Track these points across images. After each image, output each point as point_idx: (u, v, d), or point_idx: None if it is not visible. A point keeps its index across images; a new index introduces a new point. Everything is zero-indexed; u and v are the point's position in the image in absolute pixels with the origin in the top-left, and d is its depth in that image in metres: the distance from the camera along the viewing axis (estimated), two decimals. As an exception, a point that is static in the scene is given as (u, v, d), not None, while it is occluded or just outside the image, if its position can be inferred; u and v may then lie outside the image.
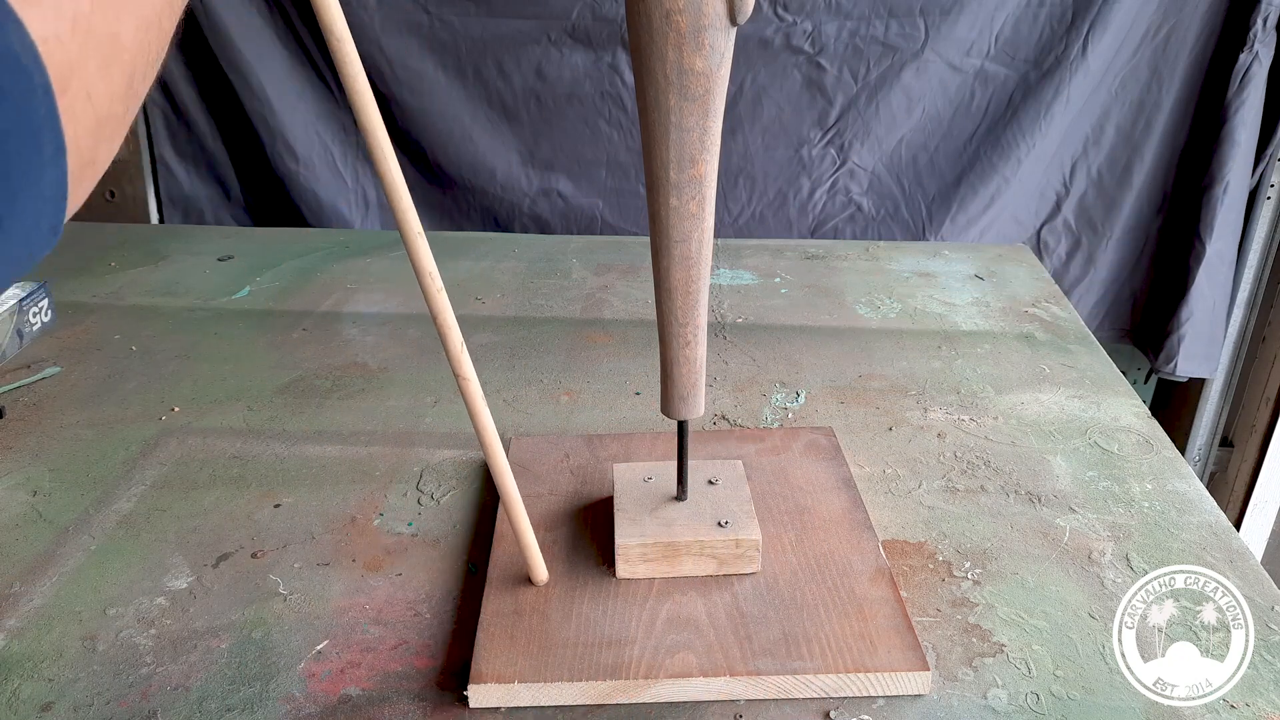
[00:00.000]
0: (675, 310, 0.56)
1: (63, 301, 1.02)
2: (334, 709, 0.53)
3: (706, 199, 0.53)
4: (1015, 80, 1.35)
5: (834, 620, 0.57)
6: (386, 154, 0.47)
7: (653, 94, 0.49)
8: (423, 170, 1.45)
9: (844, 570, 0.61)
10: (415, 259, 0.49)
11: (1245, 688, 0.54)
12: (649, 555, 0.60)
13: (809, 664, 0.54)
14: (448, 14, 1.35)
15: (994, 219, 1.41)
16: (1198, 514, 0.69)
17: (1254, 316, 1.46)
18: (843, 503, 0.68)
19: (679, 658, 0.54)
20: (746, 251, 1.19)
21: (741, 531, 0.60)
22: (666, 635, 0.56)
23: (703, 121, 0.50)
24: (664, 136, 0.50)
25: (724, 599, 0.59)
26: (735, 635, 0.56)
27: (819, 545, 0.63)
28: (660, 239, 0.54)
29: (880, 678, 0.54)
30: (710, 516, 0.61)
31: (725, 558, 0.60)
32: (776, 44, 1.34)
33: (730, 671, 0.54)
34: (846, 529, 0.65)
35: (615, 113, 1.40)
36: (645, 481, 0.65)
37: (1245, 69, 1.29)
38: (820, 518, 0.66)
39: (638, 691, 0.53)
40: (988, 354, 0.93)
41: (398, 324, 1.00)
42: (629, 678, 0.53)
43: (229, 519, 0.69)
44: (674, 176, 0.51)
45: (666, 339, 0.58)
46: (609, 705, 0.53)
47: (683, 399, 0.59)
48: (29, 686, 0.55)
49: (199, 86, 1.43)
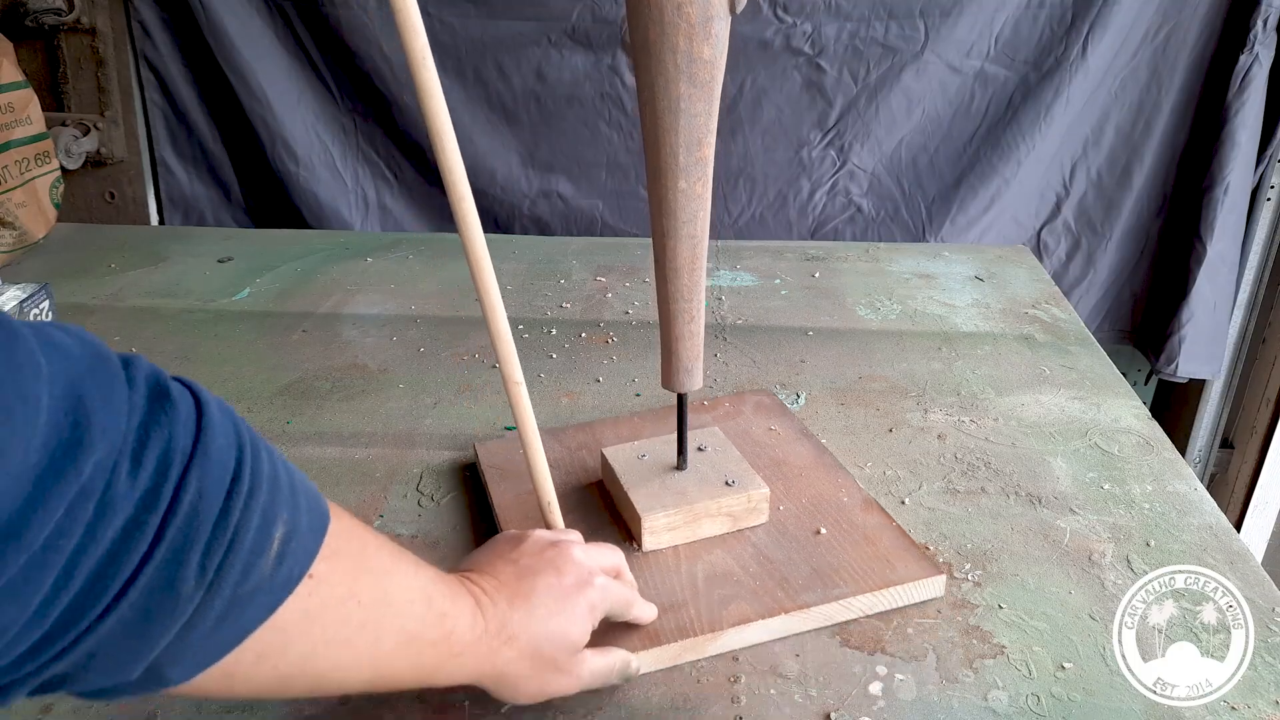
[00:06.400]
0: (681, 288, 0.59)
1: (63, 303, 1.02)
2: (334, 710, 0.53)
3: (709, 180, 0.57)
4: (1015, 81, 1.35)
5: (848, 550, 0.63)
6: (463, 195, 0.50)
7: (662, 83, 0.52)
8: (423, 172, 1.45)
9: (838, 507, 0.67)
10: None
11: (1245, 688, 0.54)
12: (673, 524, 0.64)
13: (845, 589, 0.60)
14: (448, 15, 1.35)
15: (994, 220, 1.41)
16: (1198, 515, 0.69)
17: (1254, 318, 1.46)
18: (809, 450, 0.74)
19: (733, 608, 0.58)
20: (746, 253, 1.19)
21: (750, 487, 0.65)
22: (713, 591, 0.60)
23: (708, 106, 0.54)
24: (674, 123, 0.53)
25: (748, 550, 0.64)
26: (773, 579, 0.61)
27: (807, 490, 0.69)
28: (668, 221, 0.57)
29: (904, 589, 0.60)
30: (716, 479, 0.66)
31: (739, 514, 0.65)
32: (776, 45, 1.34)
33: (783, 610, 0.58)
34: (823, 472, 0.71)
35: (615, 114, 1.40)
36: (641, 459, 0.68)
37: (1245, 70, 1.29)
38: (796, 467, 0.72)
39: (706, 646, 0.57)
40: (988, 355, 0.93)
41: (398, 325, 1.00)
42: (697, 635, 0.57)
43: (229, 520, 0.69)
44: (683, 160, 0.55)
45: (670, 316, 0.61)
46: (612, 705, 0.53)
47: (686, 372, 0.63)
48: (28, 688, 0.55)
49: (199, 88, 1.43)
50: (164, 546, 0.30)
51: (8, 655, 0.28)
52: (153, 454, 0.30)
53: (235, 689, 0.37)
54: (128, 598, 0.29)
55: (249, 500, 0.33)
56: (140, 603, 0.30)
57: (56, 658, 0.29)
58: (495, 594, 0.48)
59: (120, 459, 0.29)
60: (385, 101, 1.40)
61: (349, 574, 0.39)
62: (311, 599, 0.36)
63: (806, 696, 0.54)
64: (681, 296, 0.60)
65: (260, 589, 0.34)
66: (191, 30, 1.37)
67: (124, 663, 0.31)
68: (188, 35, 1.38)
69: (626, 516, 0.66)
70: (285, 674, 0.37)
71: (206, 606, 0.32)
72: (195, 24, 1.36)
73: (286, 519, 0.35)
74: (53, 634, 0.29)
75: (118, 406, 0.29)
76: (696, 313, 0.61)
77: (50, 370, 0.27)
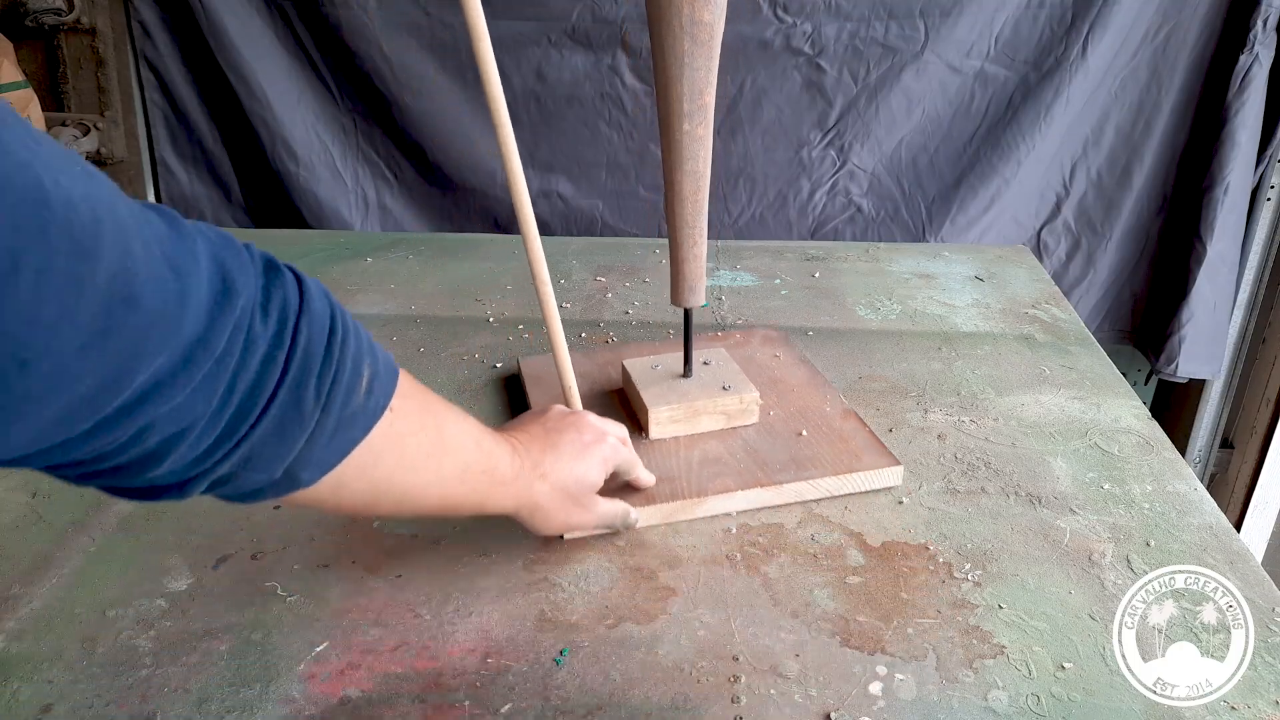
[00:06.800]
0: (685, 216, 0.70)
1: (63, 303, 1.02)
2: (334, 710, 0.53)
3: (709, 124, 0.66)
4: (1015, 82, 1.35)
5: (823, 445, 0.74)
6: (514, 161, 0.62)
7: (670, 42, 0.62)
8: (423, 172, 1.45)
9: (820, 415, 0.78)
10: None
11: (1245, 688, 0.54)
12: (675, 417, 0.76)
13: (814, 472, 0.71)
14: (448, 15, 1.35)
15: (994, 220, 1.41)
16: (1198, 515, 0.69)
17: (1254, 318, 1.46)
18: (805, 373, 0.86)
19: (718, 481, 0.70)
20: (746, 253, 1.19)
21: (743, 391, 0.77)
22: (703, 469, 0.72)
23: (708, 62, 0.64)
24: (679, 75, 0.63)
25: (738, 443, 0.75)
26: (755, 462, 0.72)
27: (796, 402, 0.81)
28: (674, 158, 0.67)
29: (865, 475, 0.71)
30: (715, 385, 0.77)
31: (733, 413, 0.77)
32: (776, 46, 1.34)
33: (760, 484, 0.70)
34: (813, 389, 0.83)
35: (615, 114, 1.40)
36: (654, 368, 0.80)
37: (1245, 70, 1.29)
38: (790, 385, 0.84)
39: (694, 508, 0.69)
40: (988, 355, 0.93)
41: (398, 325, 1.00)
42: (686, 498, 0.68)
43: (228, 521, 0.69)
44: (687, 106, 0.65)
45: (678, 241, 0.71)
46: (612, 705, 0.53)
47: (691, 289, 0.74)
48: (29, 688, 0.55)
49: (199, 87, 1.43)
50: (290, 375, 0.40)
51: (193, 452, 0.38)
52: (274, 307, 0.40)
53: (341, 499, 0.48)
54: (270, 412, 0.40)
55: (343, 346, 0.43)
56: (278, 415, 0.40)
57: (225, 457, 0.40)
58: (529, 443, 0.60)
59: (254, 308, 0.39)
60: (385, 101, 1.40)
61: (416, 413, 0.50)
62: (392, 428, 0.48)
63: (806, 696, 0.54)
64: (686, 224, 0.70)
65: (358, 413, 0.45)
66: (191, 30, 1.37)
67: (270, 464, 0.42)
68: (188, 35, 1.38)
69: (637, 411, 0.78)
70: (376, 489, 0.49)
71: (323, 423, 0.43)
72: (195, 24, 1.36)
73: (370, 364, 0.45)
74: (223, 436, 0.39)
75: (247, 271, 0.39)
76: (700, 238, 0.71)
77: (202, 243, 0.37)
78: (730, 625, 0.60)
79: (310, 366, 0.41)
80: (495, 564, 0.65)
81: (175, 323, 0.34)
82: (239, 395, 0.38)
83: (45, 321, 0.29)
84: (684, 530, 0.68)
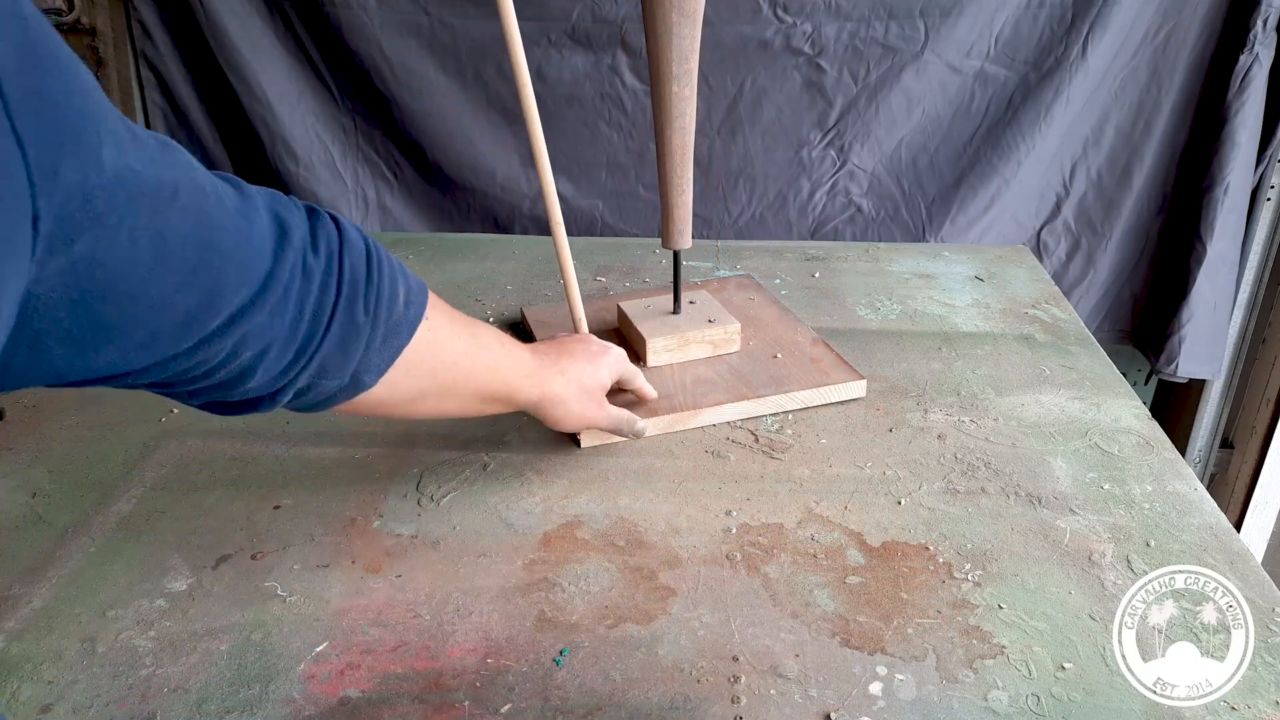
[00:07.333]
0: (675, 167, 0.80)
1: (62, 303, 1.02)
2: (334, 711, 0.53)
3: (694, 86, 0.77)
4: (1015, 81, 1.35)
5: (797, 367, 0.87)
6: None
7: (660, 14, 0.73)
8: (423, 172, 1.45)
9: (793, 344, 0.91)
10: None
11: (1245, 688, 0.54)
12: (669, 346, 0.87)
13: (791, 386, 0.83)
14: (448, 15, 1.35)
15: (994, 220, 1.41)
16: (1198, 515, 0.69)
17: (1254, 318, 1.46)
18: (777, 311, 0.98)
19: (710, 396, 0.82)
20: (746, 253, 1.19)
21: (727, 324, 0.89)
22: (696, 388, 0.84)
23: (692, 31, 0.75)
24: (669, 43, 0.74)
25: (724, 367, 0.87)
26: (740, 380, 0.85)
27: (770, 334, 0.93)
28: (665, 115, 0.78)
29: (834, 388, 0.84)
30: (701, 319, 0.90)
31: (718, 342, 0.89)
32: (776, 45, 1.34)
33: (746, 398, 0.82)
34: (785, 324, 0.95)
35: (615, 114, 1.40)
36: (647, 308, 0.92)
37: (1245, 70, 1.29)
38: (765, 321, 0.96)
39: (690, 419, 0.80)
40: (988, 355, 0.93)
41: (398, 325, 1.00)
42: (682, 411, 0.80)
43: (228, 521, 0.69)
44: (675, 70, 0.76)
45: (667, 189, 0.82)
46: (612, 706, 0.53)
47: (679, 232, 0.84)
48: (29, 688, 0.55)
49: (199, 88, 1.43)
50: (343, 297, 0.50)
51: (277, 365, 0.48)
52: (321, 244, 0.49)
53: (395, 398, 0.58)
54: (332, 330, 0.50)
55: (380, 271, 0.53)
56: (339, 330, 0.50)
57: (303, 368, 0.50)
58: (545, 351, 0.71)
59: (306, 246, 0.48)
60: (385, 101, 1.40)
61: (448, 321, 0.61)
62: (430, 333, 0.58)
63: (806, 696, 0.54)
64: (675, 174, 0.81)
65: (400, 323, 0.55)
66: (191, 30, 1.37)
67: (339, 370, 0.52)
68: (188, 35, 1.38)
69: (635, 343, 0.89)
70: (422, 386, 0.60)
71: (374, 332, 0.53)
72: (195, 24, 1.35)
73: (404, 283, 0.56)
74: (299, 352, 0.49)
75: (296, 216, 0.49)
76: (686, 187, 0.82)
77: (261, 198, 0.47)
78: (730, 625, 0.60)
79: (357, 288, 0.51)
80: (495, 564, 0.65)
81: (249, 261, 0.44)
82: (307, 316, 0.48)
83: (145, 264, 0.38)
84: (684, 530, 0.68)
